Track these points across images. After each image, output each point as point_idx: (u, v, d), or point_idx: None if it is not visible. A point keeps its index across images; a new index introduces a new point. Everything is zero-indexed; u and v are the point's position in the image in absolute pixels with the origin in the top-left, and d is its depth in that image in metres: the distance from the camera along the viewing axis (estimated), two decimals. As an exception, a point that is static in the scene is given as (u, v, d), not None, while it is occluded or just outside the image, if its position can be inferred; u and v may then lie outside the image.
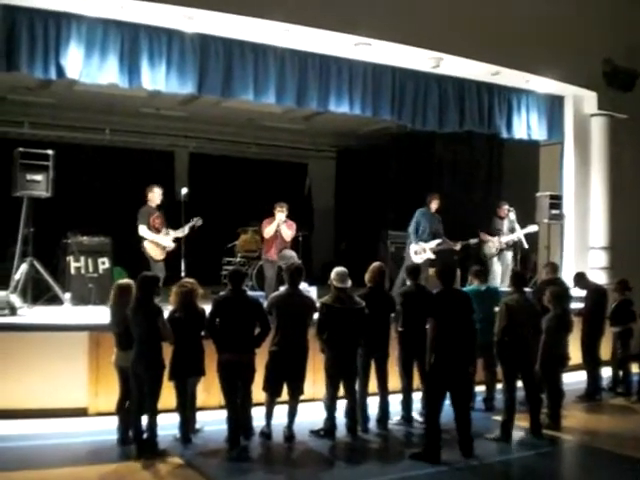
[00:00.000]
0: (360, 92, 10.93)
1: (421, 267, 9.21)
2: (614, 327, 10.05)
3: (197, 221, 10.49)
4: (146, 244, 10.20)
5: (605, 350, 10.17)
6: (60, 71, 8.93)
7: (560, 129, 13.18)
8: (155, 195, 10.43)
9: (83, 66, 8.98)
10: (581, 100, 13.09)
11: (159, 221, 10.37)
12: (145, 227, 10.19)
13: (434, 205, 11.92)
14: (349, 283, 7.79)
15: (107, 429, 7.30)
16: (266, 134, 17.49)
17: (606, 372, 10.28)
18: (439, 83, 11.70)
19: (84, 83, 9.53)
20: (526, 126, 12.70)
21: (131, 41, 9.24)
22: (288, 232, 10.96)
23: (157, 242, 10.24)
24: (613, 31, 12.22)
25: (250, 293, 8.37)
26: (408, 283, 8.49)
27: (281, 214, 10.84)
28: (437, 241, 11.73)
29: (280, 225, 10.86)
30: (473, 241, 11.92)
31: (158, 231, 10.30)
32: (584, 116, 13.17)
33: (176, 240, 10.41)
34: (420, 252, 11.64)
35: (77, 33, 8.90)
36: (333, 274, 7.80)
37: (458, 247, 11.88)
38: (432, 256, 11.60)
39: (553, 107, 13.12)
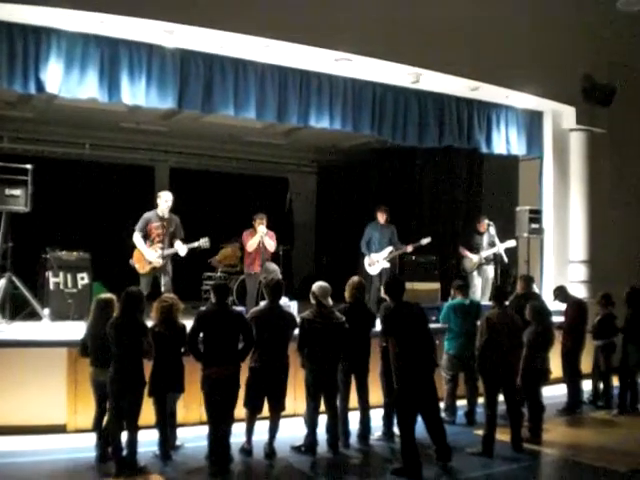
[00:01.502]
0: (340, 107, 10.95)
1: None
2: (597, 341, 10.09)
3: (204, 243, 10.10)
4: (135, 252, 9.96)
5: (585, 363, 10.21)
6: (40, 86, 8.88)
7: (539, 144, 13.28)
8: (160, 201, 10.02)
9: (63, 81, 8.94)
10: (560, 115, 13.19)
11: (158, 232, 9.92)
12: (139, 234, 9.88)
13: (381, 217, 12.09)
14: (330, 301, 7.79)
15: (86, 446, 7.25)
16: (247, 149, 17.49)
17: (587, 385, 10.33)
18: (419, 98, 11.75)
19: (64, 98, 9.48)
20: (505, 141, 12.76)
21: (111, 56, 9.20)
22: (272, 243, 10.96)
23: (142, 253, 9.89)
24: (591, 47, 12.36)
25: (235, 308, 8.36)
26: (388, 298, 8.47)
27: (262, 226, 10.82)
28: (389, 249, 11.91)
29: (263, 237, 10.84)
30: (425, 241, 11.97)
31: (153, 242, 9.90)
32: (563, 131, 13.27)
33: (172, 257, 10.09)
34: (373, 263, 11.81)
35: (57, 48, 8.86)
36: (316, 288, 7.77)
37: (410, 249, 11.96)
38: (387, 265, 11.78)
39: (532, 122, 13.20)
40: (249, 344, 7.34)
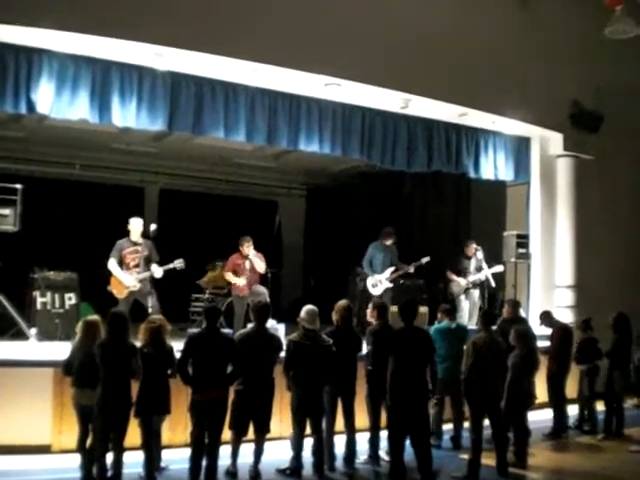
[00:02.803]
0: (330, 131, 11.04)
1: (387, 306, 9.23)
2: (581, 365, 10.14)
3: (179, 264, 10.06)
4: (112, 279, 10.02)
5: (571, 388, 10.24)
6: (30, 106, 8.92)
7: (526, 170, 13.37)
8: (131, 227, 10.14)
9: (54, 101, 8.99)
10: (547, 141, 13.29)
11: (132, 257, 10.00)
12: (114, 261, 9.94)
13: (389, 242, 12.12)
14: (318, 324, 7.81)
15: (71, 467, 7.22)
16: (236, 171, 17.51)
17: (572, 410, 10.35)
18: (408, 123, 11.85)
19: (55, 118, 9.52)
20: (493, 166, 12.86)
21: (102, 77, 9.27)
22: (261, 264, 10.98)
23: (119, 279, 9.94)
24: (579, 74, 12.46)
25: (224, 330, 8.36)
26: (375, 322, 8.51)
27: (249, 249, 10.86)
28: (390, 269, 11.97)
29: (253, 259, 10.86)
30: (425, 260, 12.05)
31: (128, 267, 9.97)
32: (550, 157, 13.36)
33: (152, 279, 10.07)
34: (377, 284, 11.87)
35: (48, 68, 8.92)
36: (302, 313, 7.80)
37: (412, 269, 12.03)
38: (389, 285, 11.84)
39: (520, 148, 13.31)
40: (238, 369, 7.30)
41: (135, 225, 10.17)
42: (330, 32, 9.99)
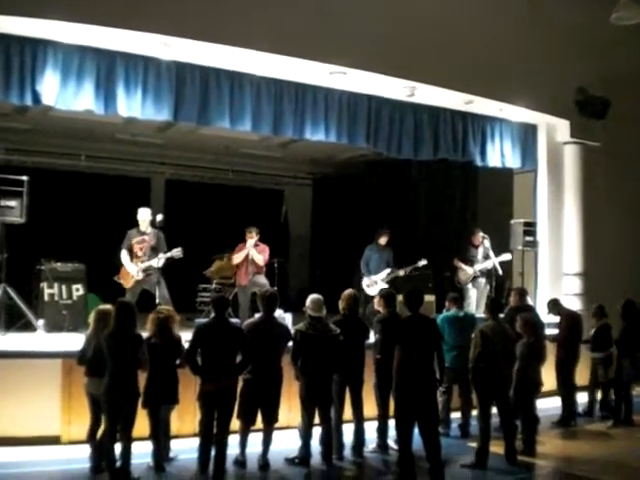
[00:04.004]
0: (336, 120, 10.99)
1: (395, 294, 9.22)
2: (596, 353, 10.12)
3: (176, 253, 10.05)
4: (121, 269, 10.16)
5: (579, 375, 10.22)
6: (36, 97, 8.91)
7: (533, 157, 13.32)
8: (139, 217, 10.26)
9: (59, 92, 8.97)
10: (554, 128, 13.24)
11: (139, 246, 10.12)
12: (125, 251, 10.11)
13: (383, 240, 12.14)
14: (324, 312, 7.80)
15: (80, 457, 7.24)
16: (242, 161, 17.48)
17: (581, 397, 10.33)
18: (414, 111, 11.79)
19: (60, 109, 9.51)
20: (500, 154, 12.81)
21: (107, 68, 9.23)
22: (259, 256, 10.99)
23: (126, 269, 10.10)
24: (585, 60, 12.40)
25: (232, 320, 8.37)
26: (383, 310, 8.50)
27: (251, 239, 10.88)
28: (387, 271, 11.98)
29: (250, 250, 10.88)
30: (421, 262, 12.03)
31: (136, 256, 10.09)
32: (557, 144, 13.31)
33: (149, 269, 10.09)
34: (372, 284, 11.90)
35: (53, 59, 8.90)
36: (308, 302, 7.82)
37: (402, 273, 12.00)
38: (385, 286, 11.73)
39: (526, 135, 13.25)
40: (247, 358, 7.29)
41: (142, 215, 10.28)
42: (335, 20, 9.94)
